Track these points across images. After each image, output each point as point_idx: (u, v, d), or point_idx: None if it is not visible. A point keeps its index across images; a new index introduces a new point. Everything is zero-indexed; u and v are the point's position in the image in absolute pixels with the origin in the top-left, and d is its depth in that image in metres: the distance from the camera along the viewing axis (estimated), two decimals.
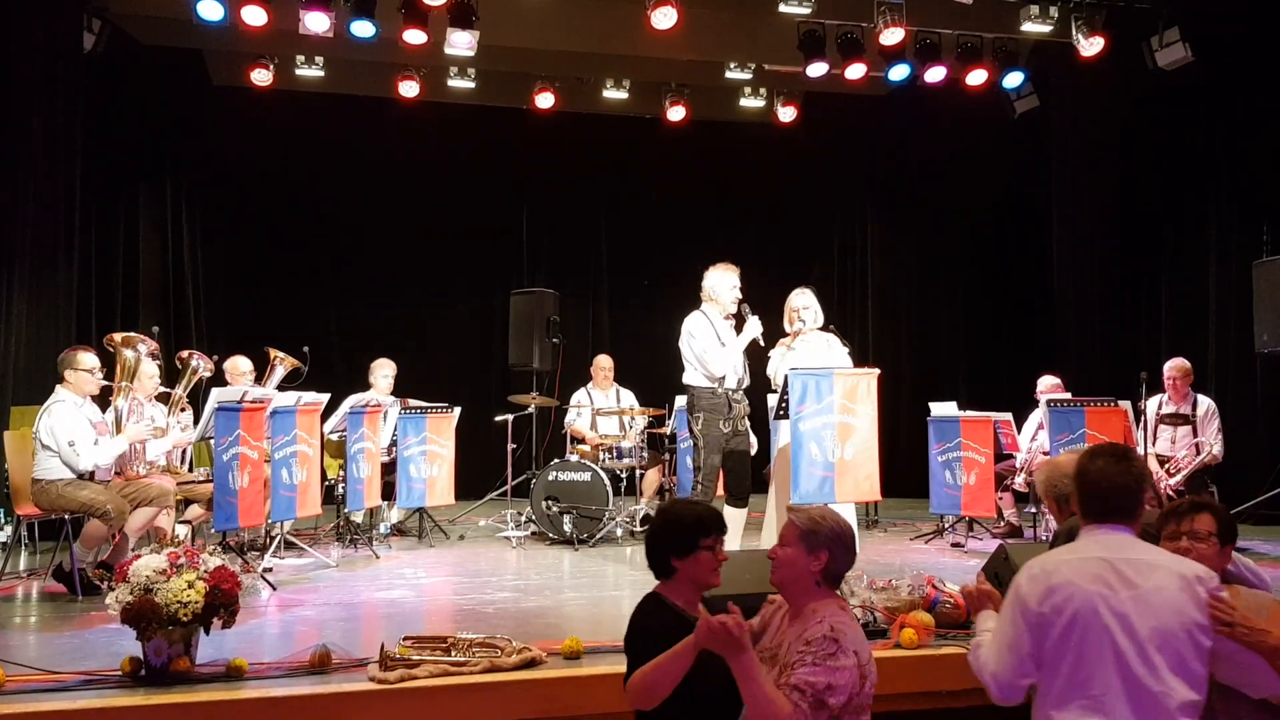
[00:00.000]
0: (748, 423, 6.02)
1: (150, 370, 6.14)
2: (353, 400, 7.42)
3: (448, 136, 10.13)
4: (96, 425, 5.64)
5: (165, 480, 5.97)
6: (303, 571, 6.24)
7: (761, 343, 5.95)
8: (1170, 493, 6.71)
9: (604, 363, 8.54)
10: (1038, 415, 7.37)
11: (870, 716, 2.63)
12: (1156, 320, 8.83)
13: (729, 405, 5.86)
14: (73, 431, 5.47)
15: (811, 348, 5.99)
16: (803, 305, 6.10)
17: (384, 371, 7.88)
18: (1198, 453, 6.87)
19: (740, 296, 5.94)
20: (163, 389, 6.38)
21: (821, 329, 6.14)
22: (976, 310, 10.67)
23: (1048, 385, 7.63)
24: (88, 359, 5.69)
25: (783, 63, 8.99)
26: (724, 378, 5.84)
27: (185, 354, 6.65)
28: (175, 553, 3.73)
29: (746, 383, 5.99)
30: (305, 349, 7.14)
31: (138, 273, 9.24)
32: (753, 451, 6.16)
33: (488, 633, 4.01)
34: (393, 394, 7.85)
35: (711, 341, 5.84)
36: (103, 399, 5.89)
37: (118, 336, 6.09)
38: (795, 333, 6.08)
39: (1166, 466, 6.93)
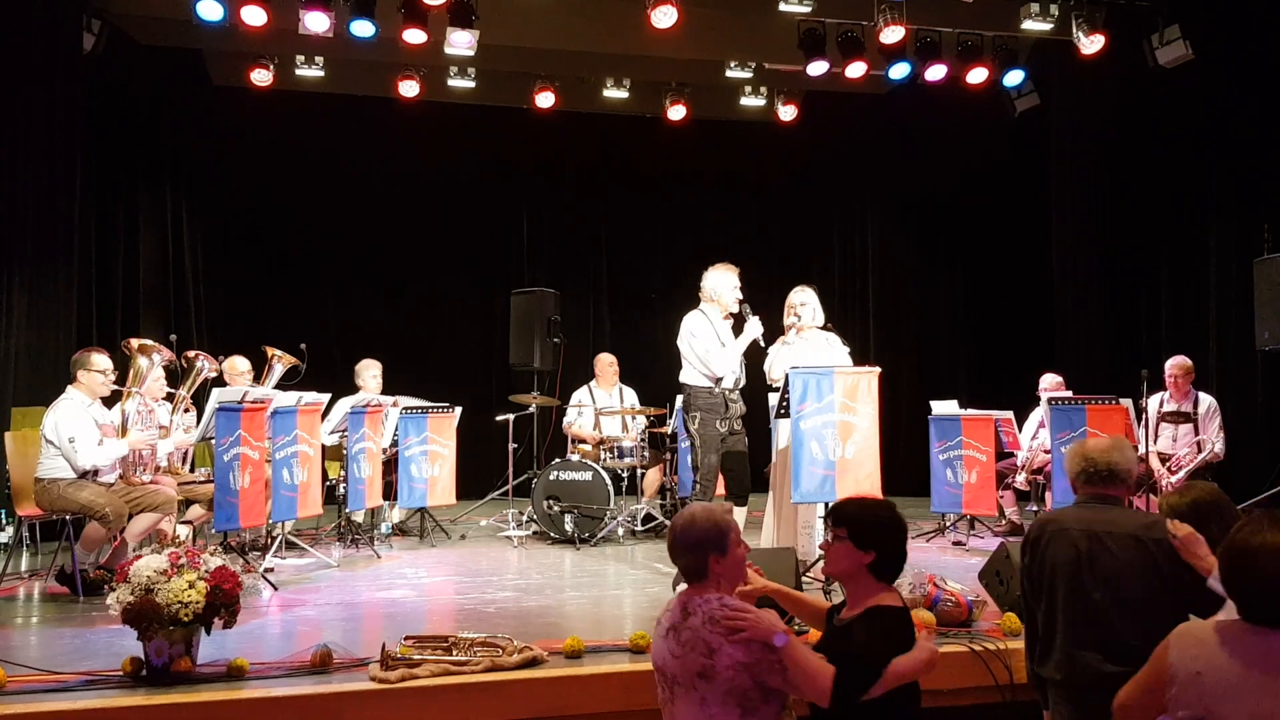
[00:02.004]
0: (742, 422, 6.03)
1: (156, 372, 6.15)
2: (350, 402, 7.40)
3: (448, 136, 10.12)
4: (103, 426, 5.63)
5: (169, 487, 5.96)
6: (304, 571, 6.24)
7: (762, 343, 5.96)
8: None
9: (608, 360, 8.53)
10: (1039, 413, 7.37)
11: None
12: (1157, 318, 8.81)
13: (726, 405, 5.87)
14: (75, 428, 5.47)
15: (810, 345, 5.98)
16: (800, 302, 6.09)
17: (372, 371, 7.86)
18: (1199, 451, 6.87)
19: (741, 297, 5.95)
20: (168, 389, 6.39)
21: (821, 328, 6.13)
22: (976, 309, 10.65)
23: (1049, 383, 7.63)
24: (101, 361, 5.69)
25: (783, 61, 8.98)
26: (722, 378, 5.85)
27: (190, 354, 6.65)
28: (176, 553, 3.73)
29: (743, 383, 6.00)
30: (303, 346, 7.13)
31: (138, 273, 9.22)
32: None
33: (489, 632, 4.02)
34: (384, 392, 7.83)
35: (713, 342, 5.84)
36: (110, 401, 5.88)
37: (135, 343, 6.09)
38: (790, 327, 6.08)
39: (1168, 464, 6.93)
